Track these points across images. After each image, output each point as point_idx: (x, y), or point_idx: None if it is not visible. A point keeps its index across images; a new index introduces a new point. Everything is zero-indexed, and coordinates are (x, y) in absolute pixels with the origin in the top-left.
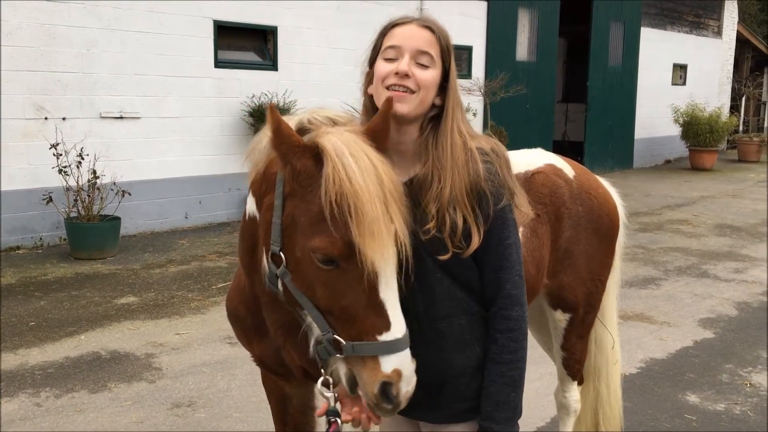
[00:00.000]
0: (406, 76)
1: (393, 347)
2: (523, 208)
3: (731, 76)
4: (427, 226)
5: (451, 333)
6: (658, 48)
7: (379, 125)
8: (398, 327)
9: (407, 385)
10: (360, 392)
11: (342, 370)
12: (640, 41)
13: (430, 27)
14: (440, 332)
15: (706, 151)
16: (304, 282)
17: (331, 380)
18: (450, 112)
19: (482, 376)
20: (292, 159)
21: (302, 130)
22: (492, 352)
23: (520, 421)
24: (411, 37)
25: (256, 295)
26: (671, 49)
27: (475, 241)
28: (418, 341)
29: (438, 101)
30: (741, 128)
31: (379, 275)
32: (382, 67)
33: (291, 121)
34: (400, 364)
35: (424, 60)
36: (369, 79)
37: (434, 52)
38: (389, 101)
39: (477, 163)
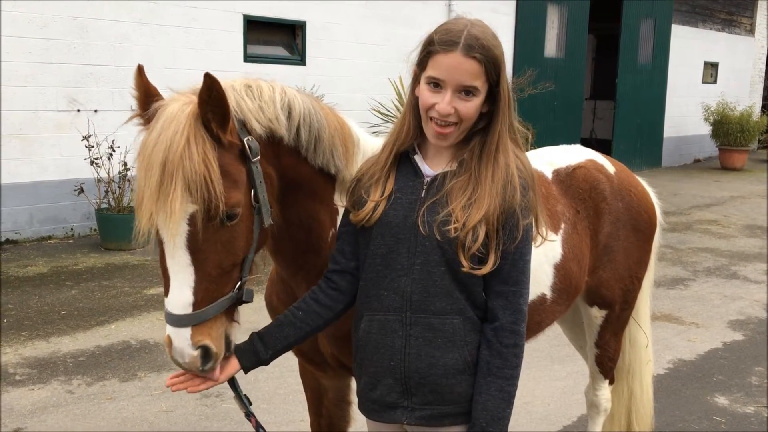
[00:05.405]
0: (449, 113)
1: (167, 316)
2: (542, 232)
3: (763, 75)
4: (449, 227)
5: (443, 330)
6: (689, 46)
7: (205, 113)
8: (174, 301)
9: (178, 356)
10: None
11: None
12: (671, 39)
13: (476, 56)
14: (432, 326)
15: (736, 151)
16: None
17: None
18: (497, 128)
19: (466, 383)
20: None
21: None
22: (494, 365)
23: (546, 418)
24: (455, 70)
25: (284, 280)
26: (702, 47)
27: (491, 263)
28: (406, 329)
29: (485, 109)
30: None
31: (162, 242)
32: (425, 95)
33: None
34: (172, 334)
35: (467, 91)
36: (415, 77)
37: (479, 82)
38: (211, 84)
39: (515, 189)
